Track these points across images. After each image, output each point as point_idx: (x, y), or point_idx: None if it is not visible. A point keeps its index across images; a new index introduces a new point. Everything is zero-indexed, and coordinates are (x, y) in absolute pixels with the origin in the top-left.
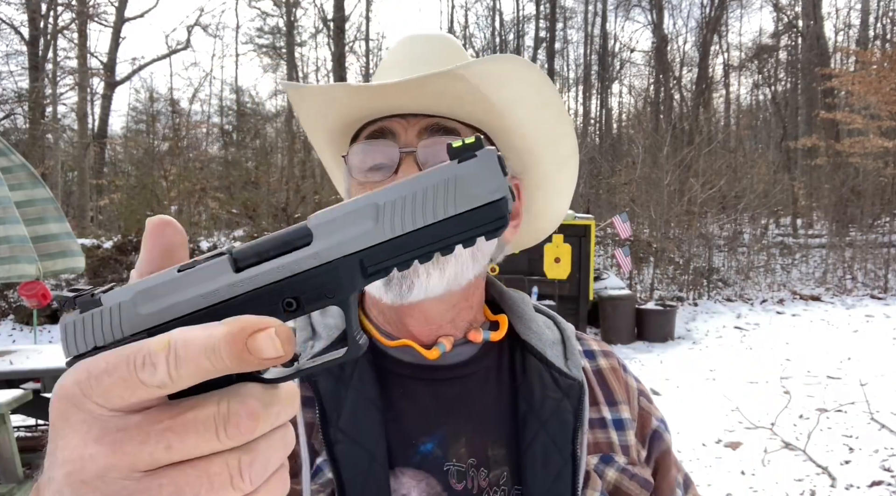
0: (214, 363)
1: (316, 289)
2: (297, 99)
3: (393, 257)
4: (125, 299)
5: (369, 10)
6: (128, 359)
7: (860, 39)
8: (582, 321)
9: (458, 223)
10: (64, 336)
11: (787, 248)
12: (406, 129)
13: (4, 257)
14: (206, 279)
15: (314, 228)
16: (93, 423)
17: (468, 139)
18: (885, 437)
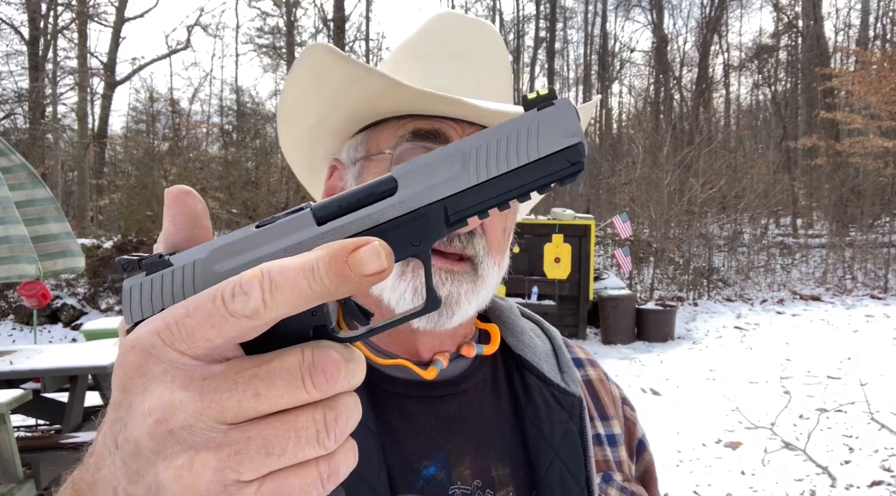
0: (313, 284)
1: (402, 237)
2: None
3: (477, 203)
4: (200, 257)
5: (369, 10)
6: (213, 295)
7: (860, 39)
8: (582, 321)
9: (540, 166)
10: (128, 299)
11: (787, 248)
12: (461, 136)
13: (4, 257)
14: (288, 232)
15: (399, 177)
16: (176, 373)
17: (542, 91)
18: (885, 437)
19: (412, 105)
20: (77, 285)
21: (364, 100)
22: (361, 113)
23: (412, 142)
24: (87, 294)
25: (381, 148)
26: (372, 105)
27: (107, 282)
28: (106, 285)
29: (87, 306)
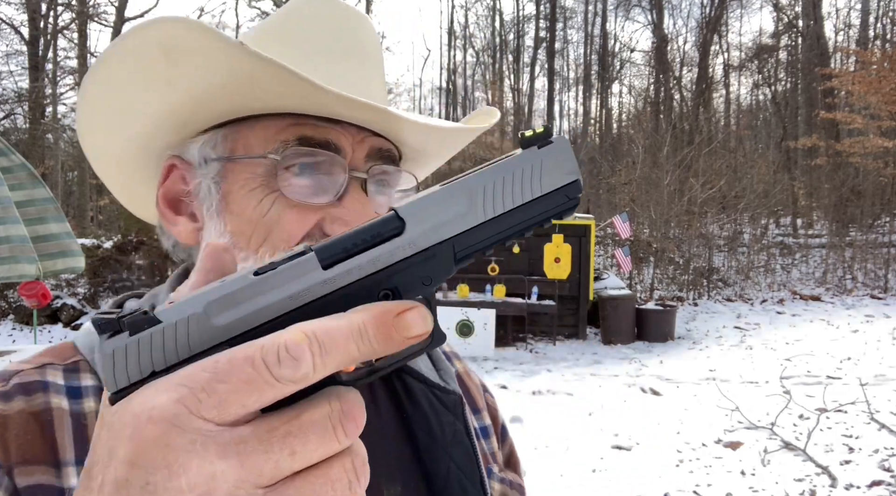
0: (361, 347)
1: (413, 278)
2: (172, 58)
3: (483, 240)
4: (195, 311)
5: (369, 11)
6: (251, 359)
7: (860, 39)
8: (582, 321)
9: (542, 202)
10: (111, 365)
11: (787, 248)
12: (352, 145)
13: (4, 257)
14: (291, 279)
15: (406, 216)
16: (207, 442)
17: (538, 128)
18: (885, 437)
19: (295, 100)
20: (77, 285)
21: (235, 90)
22: (225, 106)
23: (298, 149)
24: (87, 294)
25: (256, 150)
26: (243, 98)
27: (107, 282)
28: (106, 285)
29: (87, 306)
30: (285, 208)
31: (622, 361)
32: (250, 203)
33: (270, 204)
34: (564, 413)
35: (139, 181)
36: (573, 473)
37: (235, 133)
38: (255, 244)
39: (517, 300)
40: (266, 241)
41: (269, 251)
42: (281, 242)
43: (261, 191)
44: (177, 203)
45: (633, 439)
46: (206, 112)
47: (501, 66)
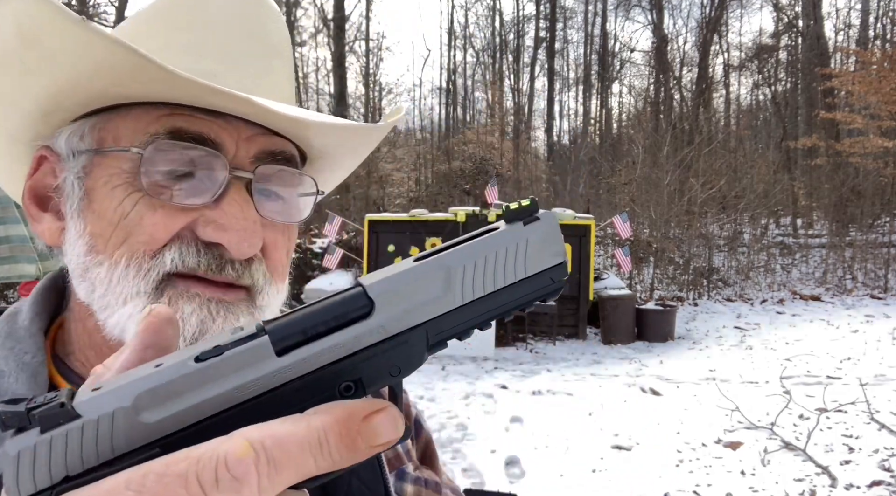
0: (320, 461)
1: (381, 367)
2: (27, 40)
3: (459, 324)
4: (122, 405)
5: (369, 10)
6: (183, 479)
7: (860, 39)
8: (582, 321)
9: (524, 286)
10: (14, 470)
11: (787, 248)
12: (236, 141)
13: (4, 257)
14: (239, 367)
15: (376, 297)
16: None
17: (524, 201)
18: (885, 437)
19: (172, 91)
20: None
21: (102, 80)
22: (95, 95)
23: (169, 141)
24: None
25: (124, 142)
26: (113, 88)
27: None
28: None
29: None
30: (149, 209)
31: (622, 361)
32: (112, 202)
33: (133, 204)
34: (564, 413)
35: (20, 177)
36: (573, 473)
37: (106, 122)
38: (112, 247)
39: None
40: (124, 243)
41: (125, 255)
42: (140, 246)
43: (123, 189)
44: (43, 199)
45: (633, 439)
46: (70, 99)
47: (501, 66)
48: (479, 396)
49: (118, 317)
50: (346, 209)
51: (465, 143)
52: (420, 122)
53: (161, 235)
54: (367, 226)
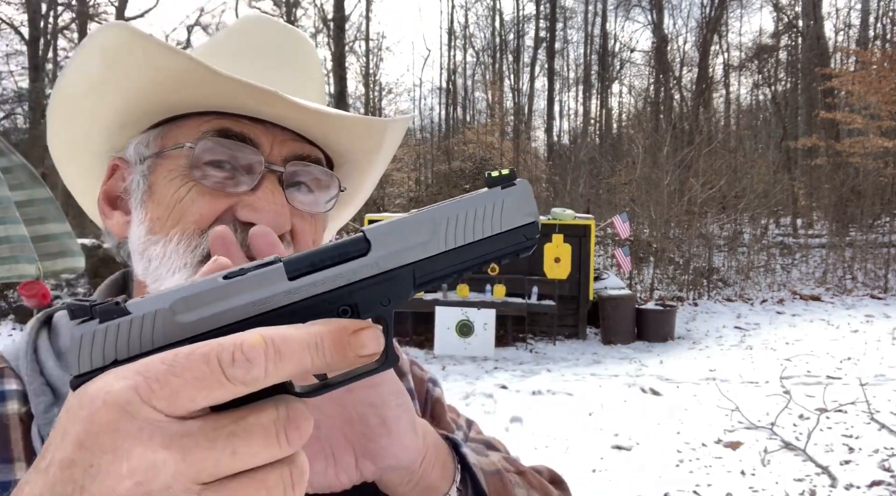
0: (315, 358)
1: (372, 297)
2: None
3: (442, 268)
4: (162, 307)
5: (369, 10)
6: (206, 357)
7: (860, 39)
8: (582, 321)
9: (500, 240)
10: (78, 348)
11: (787, 248)
12: (272, 143)
13: (4, 257)
14: (257, 286)
15: (372, 239)
16: (153, 431)
17: (504, 171)
18: (885, 437)
19: (220, 99)
20: (77, 285)
21: (165, 89)
22: (159, 105)
23: (216, 139)
24: (87, 294)
25: (180, 142)
26: (173, 95)
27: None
28: None
29: None
30: (199, 195)
31: (622, 361)
32: (169, 191)
33: (187, 191)
34: (564, 413)
35: (91, 187)
36: (573, 473)
37: (167, 131)
38: (168, 227)
39: (517, 300)
40: (178, 223)
41: (178, 233)
42: (191, 224)
43: (180, 180)
44: (114, 199)
45: (633, 439)
46: (138, 111)
47: (501, 66)
48: (479, 396)
49: (166, 286)
50: None
51: (465, 143)
52: (420, 121)
53: (208, 215)
54: (367, 225)
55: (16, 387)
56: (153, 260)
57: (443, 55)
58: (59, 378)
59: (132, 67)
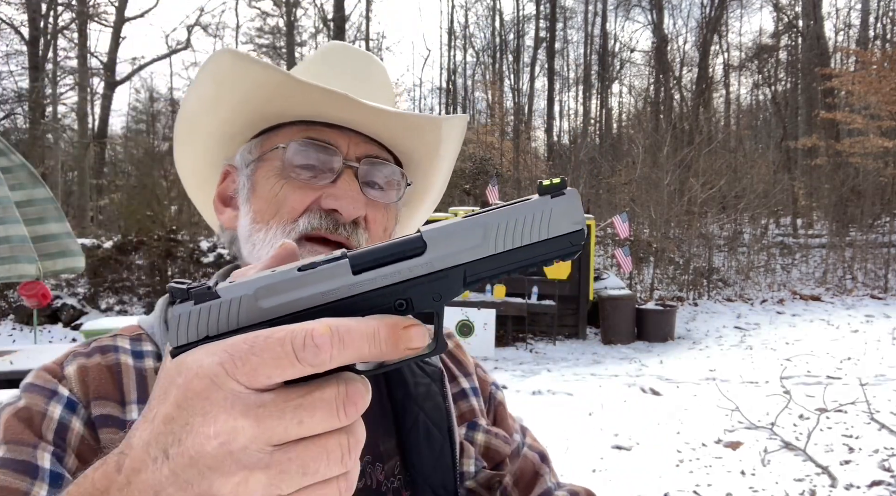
0: (371, 348)
1: (426, 293)
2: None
3: (490, 270)
4: (247, 293)
5: (369, 10)
6: (281, 340)
7: (860, 39)
8: (582, 321)
9: (546, 245)
10: (176, 324)
11: (787, 248)
12: (349, 145)
13: (4, 257)
14: (326, 279)
15: (428, 240)
16: (235, 400)
17: (555, 179)
18: (885, 437)
19: (305, 108)
20: (77, 285)
21: (261, 100)
22: (258, 116)
23: (304, 142)
24: (87, 294)
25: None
26: (267, 106)
27: (107, 282)
28: (106, 285)
29: (87, 306)
30: (291, 190)
31: (622, 361)
32: (267, 187)
33: (281, 187)
34: (564, 413)
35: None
36: (573, 473)
37: (265, 139)
38: (268, 217)
39: (517, 300)
40: (276, 214)
41: (276, 221)
42: (286, 214)
43: (275, 178)
44: (226, 198)
45: (633, 439)
46: (243, 122)
47: (501, 66)
48: None
49: None
50: None
51: (465, 143)
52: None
53: (298, 207)
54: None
55: (151, 348)
56: (257, 244)
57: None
58: None
59: (236, 83)
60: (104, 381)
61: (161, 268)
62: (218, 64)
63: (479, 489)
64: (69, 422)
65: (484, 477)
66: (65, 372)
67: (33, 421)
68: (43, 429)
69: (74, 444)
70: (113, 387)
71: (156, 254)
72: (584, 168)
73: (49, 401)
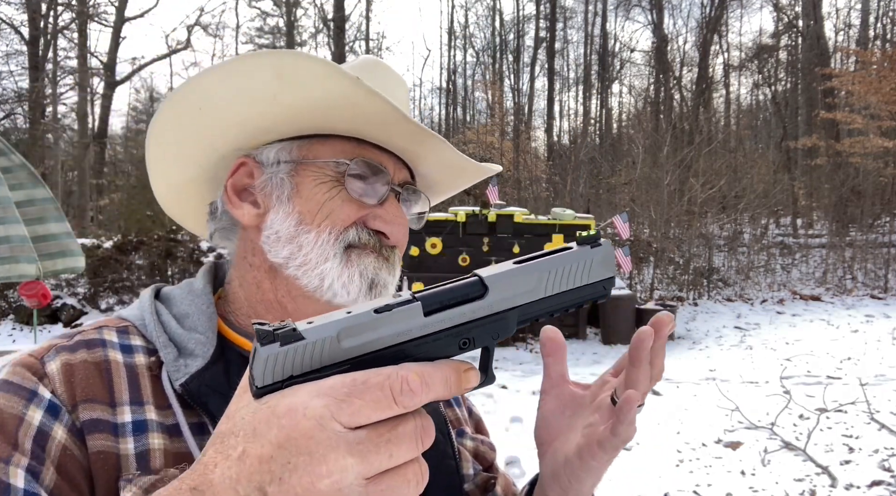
0: (444, 390)
1: (487, 333)
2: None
3: (540, 310)
4: (330, 335)
5: (369, 10)
6: (381, 385)
7: (860, 39)
8: (582, 321)
9: (587, 289)
10: (263, 367)
11: (787, 248)
12: (394, 170)
13: (4, 257)
14: (401, 320)
15: (490, 284)
16: (338, 440)
17: (591, 231)
18: (885, 437)
19: (364, 131)
20: (77, 285)
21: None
22: (313, 123)
23: (362, 162)
24: (87, 294)
25: (325, 158)
26: (331, 123)
27: (107, 282)
28: (106, 285)
29: (87, 306)
30: (344, 200)
31: None
32: (319, 191)
33: (335, 194)
34: None
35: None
36: None
37: (309, 144)
38: (319, 220)
39: None
40: (328, 218)
41: (329, 226)
42: (340, 222)
43: (329, 185)
44: (242, 192)
45: (634, 439)
46: (292, 125)
47: (501, 66)
48: (479, 396)
49: (321, 270)
50: None
51: (466, 143)
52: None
53: (351, 218)
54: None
55: (140, 342)
56: (304, 246)
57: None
58: (181, 335)
59: (304, 87)
60: (92, 381)
61: (161, 268)
62: (285, 62)
63: (475, 491)
64: (50, 429)
65: (481, 479)
66: (47, 369)
67: (6, 427)
68: (19, 436)
69: (54, 456)
70: (102, 387)
71: (156, 254)
72: (584, 168)
73: (28, 404)
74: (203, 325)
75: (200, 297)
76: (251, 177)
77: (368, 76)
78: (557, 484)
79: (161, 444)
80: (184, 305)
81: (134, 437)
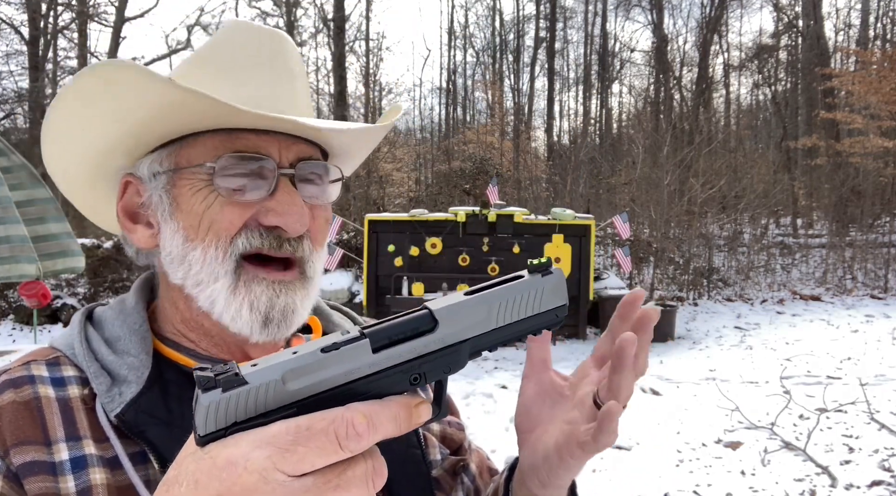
0: (393, 428)
1: (438, 367)
2: (116, 96)
3: (492, 341)
4: (274, 378)
5: (369, 10)
6: (325, 430)
7: (860, 39)
8: (582, 321)
9: (539, 319)
10: (204, 414)
11: (787, 248)
12: (279, 150)
13: (4, 257)
14: (349, 359)
15: (440, 317)
16: (282, 492)
17: (542, 259)
18: (885, 437)
19: (235, 119)
20: (77, 285)
21: (175, 119)
22: (166, 129)
23: (233, 157)
24: (87, 294)
25: (197, 161)
26: (186, 123)
27: (107, 282)
28: (106, 285)
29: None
30: (224, 205)
31: None
32: (196, 201)
33: (213, 200)
34: None
35: (101, 199)
36: None
37: (178, 149)
38: (203, 233)
39: None
40: (210, 229)
41: (213, 238)
42: (223, 231)
43: (204, 192)
44: (133, 214)
45: (633, 439)
46: (148, 135)
47: (501, 66)
48: (479, 396)
49: (210, 291)
50: (345, 209)
51: (465, 143)
52: (420, 122)
53: (235, 223)
54: (367, 226)
55: (73, 373)
56: (193, 264)
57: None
58: (113, 362)
59: (134, 100)
60: (23, 422)
61: None
62: (114, 77)
63: (445, 476)
64: None
65: (448, 463)
66: None
67: None
68: None
69: None
70: (34, 426)
71: None
72: (584, 168)
73: None
74: (136, 347)
75: (132, 316)
76: (139, 195)
77: (225, 48)
78: (536, 476)
79: (103, 479)
80: (115, 327)
81: (74, 475)
